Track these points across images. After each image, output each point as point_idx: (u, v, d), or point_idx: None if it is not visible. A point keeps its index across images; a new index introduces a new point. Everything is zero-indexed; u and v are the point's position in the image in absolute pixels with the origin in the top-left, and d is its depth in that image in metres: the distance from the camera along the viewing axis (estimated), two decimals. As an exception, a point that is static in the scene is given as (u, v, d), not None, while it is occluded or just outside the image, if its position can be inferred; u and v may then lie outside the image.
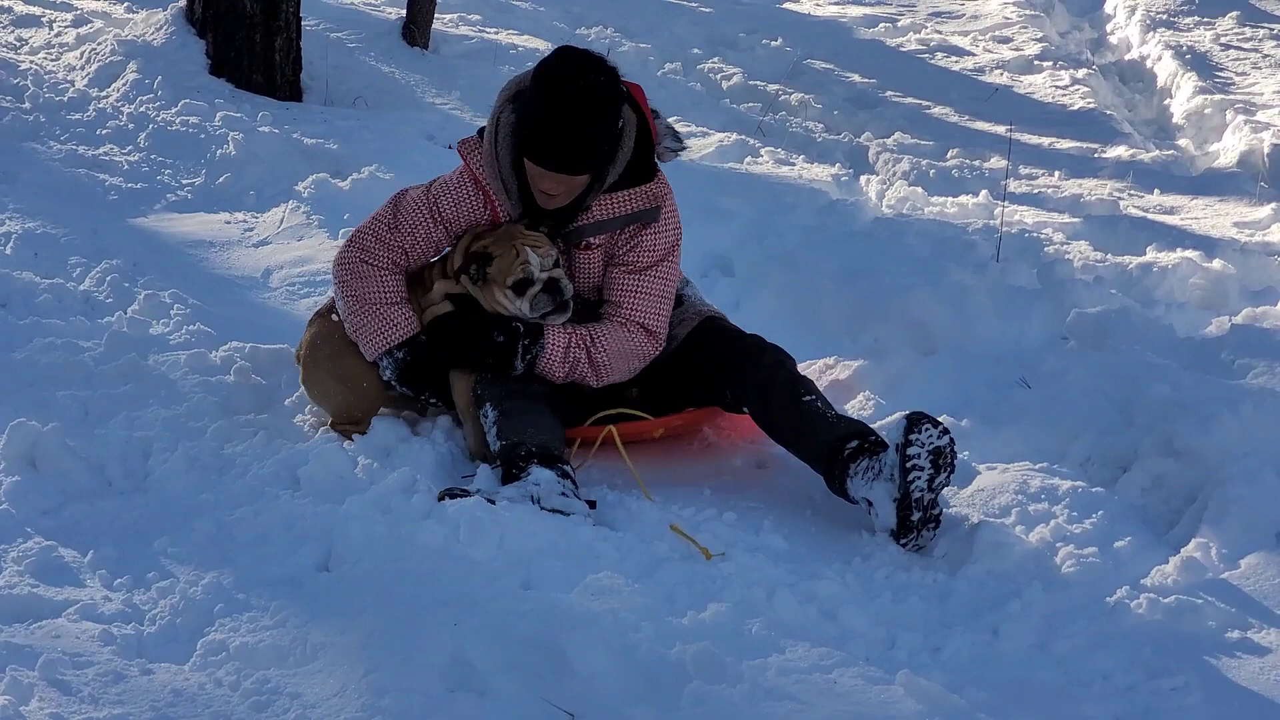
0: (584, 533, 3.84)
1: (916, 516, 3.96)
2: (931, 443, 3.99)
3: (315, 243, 6.26)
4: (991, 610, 3.55)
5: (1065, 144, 9.15)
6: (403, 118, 8.16)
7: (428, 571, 3.63)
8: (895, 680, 3.31)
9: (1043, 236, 7.09)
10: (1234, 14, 11.41)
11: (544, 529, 3.82)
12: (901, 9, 11.80)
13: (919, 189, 7.80)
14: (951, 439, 4.04)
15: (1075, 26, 11.98)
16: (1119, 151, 9.00)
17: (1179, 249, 7.01)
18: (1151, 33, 11.12)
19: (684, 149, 4.58)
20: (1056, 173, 8.47)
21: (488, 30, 10.11)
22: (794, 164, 8.02)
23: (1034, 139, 9.18)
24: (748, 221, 6.91)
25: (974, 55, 10.80)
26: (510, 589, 3.53)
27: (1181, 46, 10.75)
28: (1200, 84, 10.03)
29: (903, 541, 3.97)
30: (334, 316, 4.52)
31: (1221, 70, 10.43)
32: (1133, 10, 11.70)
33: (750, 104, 9.25)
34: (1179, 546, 3.93)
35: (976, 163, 8.48)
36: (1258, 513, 4.07)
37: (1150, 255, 6.93)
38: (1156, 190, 8.29)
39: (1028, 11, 11.74)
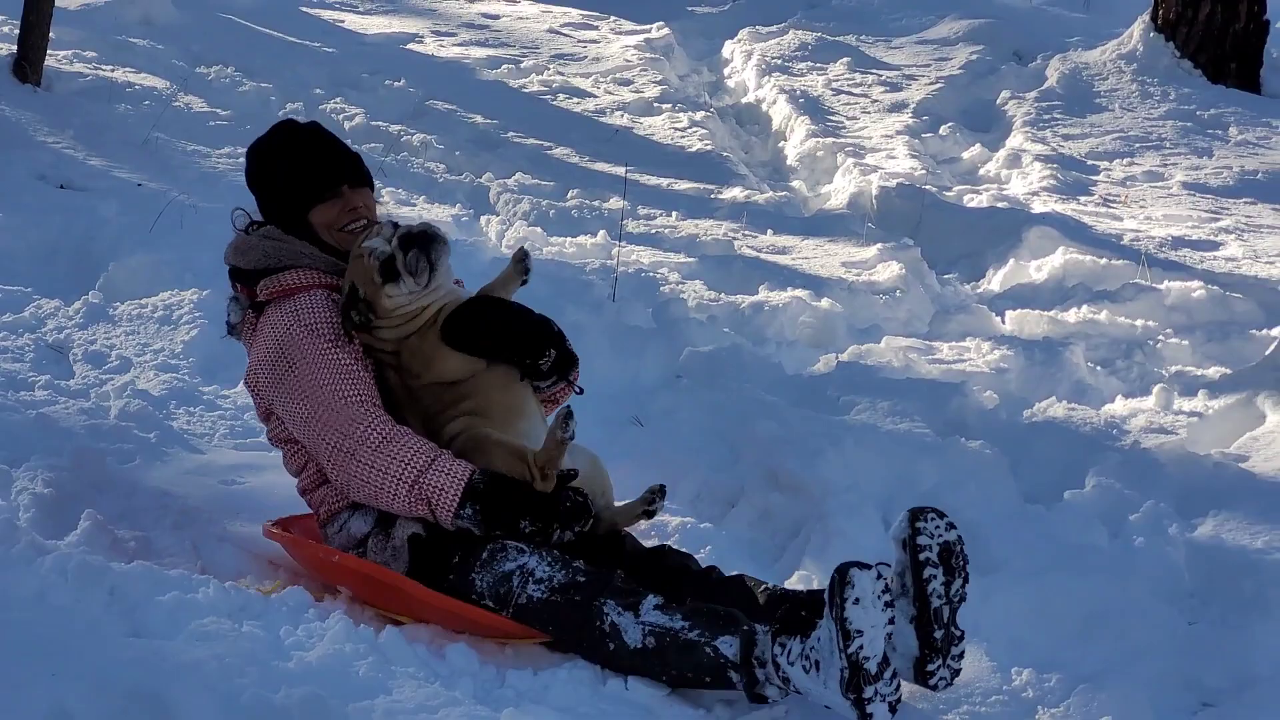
0: (189, 581, 3.72)
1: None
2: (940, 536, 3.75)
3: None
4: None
5: (683, 185, 9.30)
6: (12, 158, 7.80)
7: (26, 620, 3.44)
8: (501, 718, 3.35)
9: (658, 276, 7.26)
10: (845, 60, 11.81)
11: (152, 575, 3.71)
12: (524, 51, 12.00)
13: (538, 229, 7.97)
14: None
15: (694, 70, 12.31)
16: (734, 193, 9.21)
17: (790, 288, 7.31)
18: (767, 77, 11.47)
19: None
20: (674, 213, 8.64)
21: (104, 67, 9.83)
22: (415, 204, 8.07)
23: (652, 180, 9.32)
24: None
25: (595, 97, 10.98)
26: (114, 637, 3.40)
27: (795, 91, 11.10)
28: (813, 127, 10.39)
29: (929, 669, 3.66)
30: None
31: (833, 114, 10.82)
32: (749, 55, 12.03)
33: (373, 144, 9.12)
34: (784, 579, 4.11)
35: (596, 203, 8.65)
36: (857, 544, 4.23)
37: (762, 294, 7.22)
38: (770, 230, 8.56)
39: (648, 55, 11.92)
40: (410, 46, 11.95)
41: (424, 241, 3.85)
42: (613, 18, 12.97)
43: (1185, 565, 4.85)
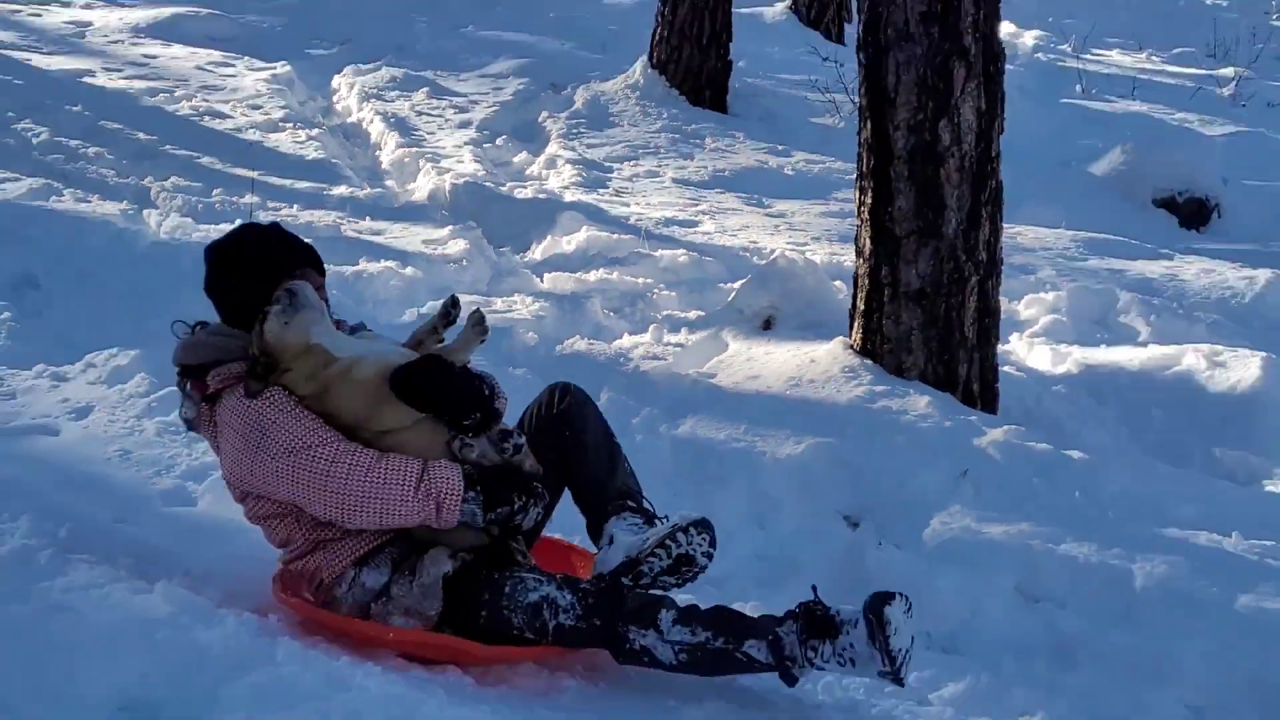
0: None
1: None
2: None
3: None
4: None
5: (302, 185, 9.99)
6: None
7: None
8: (155, 590, 3.64)
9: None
10: (425, 89, 12.80)
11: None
12: (177, 83, 12.35)
13: (189, 219, 8.51)
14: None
15: (311, 97, 12.97)
16: (341, 190, 10.01)
17: (383, 260, 8.16)
18: (366, 103, 12.42)
19: None
20: (295, 205, 9.32)
21: None
22: (90, 201, 8.54)
23: (279, 181, 9.99)
24: (52, 247, 7.38)
25: (234, 118, 11.51)
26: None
27: (388, 113, 12.11)
28: (401, 140, 11.39)
29: None
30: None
31: (417, 130, 11.76)
32: (353, 86, 12.87)
33: (55, 155, 9.63)
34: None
35: (235, 199, 9.20)
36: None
37: (362, 265, 8.01)
38: (368, 218, 9.41)
39: (275, 86, 12.55)
40: (85, 79, 12.15)
41: (290, 296, 3.76)
42: (246, 58, 13.40)
43: (670, 454, 5.63)
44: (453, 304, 4.01)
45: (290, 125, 11.53)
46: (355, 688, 3.35)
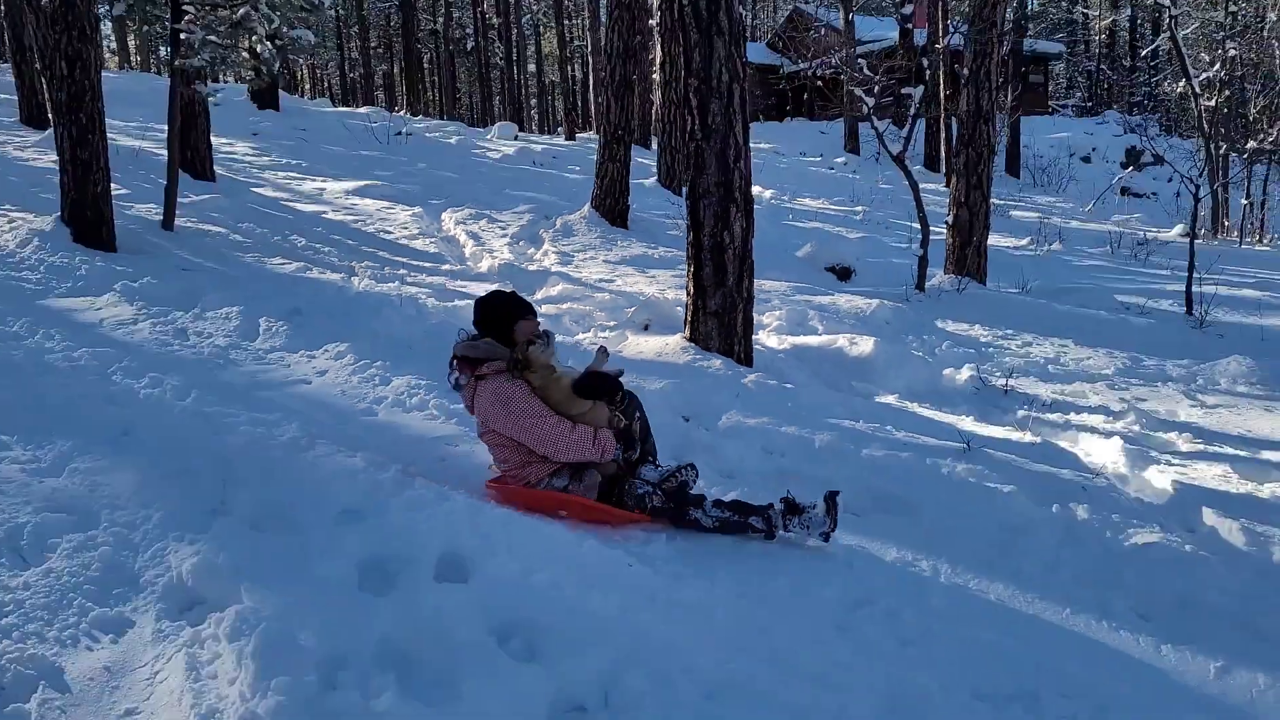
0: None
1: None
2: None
3: None
4: None
5: (426, 264, 8.82)
6: None
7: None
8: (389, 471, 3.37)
9: None
10: (485, 219, 11.17)
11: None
12: (366, 217, 10.93)
13: (373, 281, 7.47)
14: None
15: (431, 223, 11.18)
16: (446, 266, 8.80)
17: (466, 299, 6.90)
18: (457, 225, 10.79)
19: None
20: (421, 274, 8.21)
21: None
22: (325, 273, 7.57)
23: (416, 262, 8.85)
24: (307, 294, 6.66)
25: (394, 233, 10.19)
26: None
27: (468, 230, 10.58)
28: (474, 244, 9.98)
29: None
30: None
31: (480, 238, 10.31)
32: (451, 217, 11.25)
33: (308, 250, 8.57)
34: None
35: (392, 270, 8.16)
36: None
37: (454, 302, 6.95)
38: (459, 280, 8.17)
39: (414, 217, 10.98)
40: (323, 215, 10.77)
41: (548, 337, 3.52)
42: (400, 205, 11.81)
43: None
44: (605, 350, 3.77)
45: (421, 236, 10.54)
46: (551, 532, 3.17)
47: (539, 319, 3.60)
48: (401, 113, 25.75)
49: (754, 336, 6.60)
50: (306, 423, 4.02)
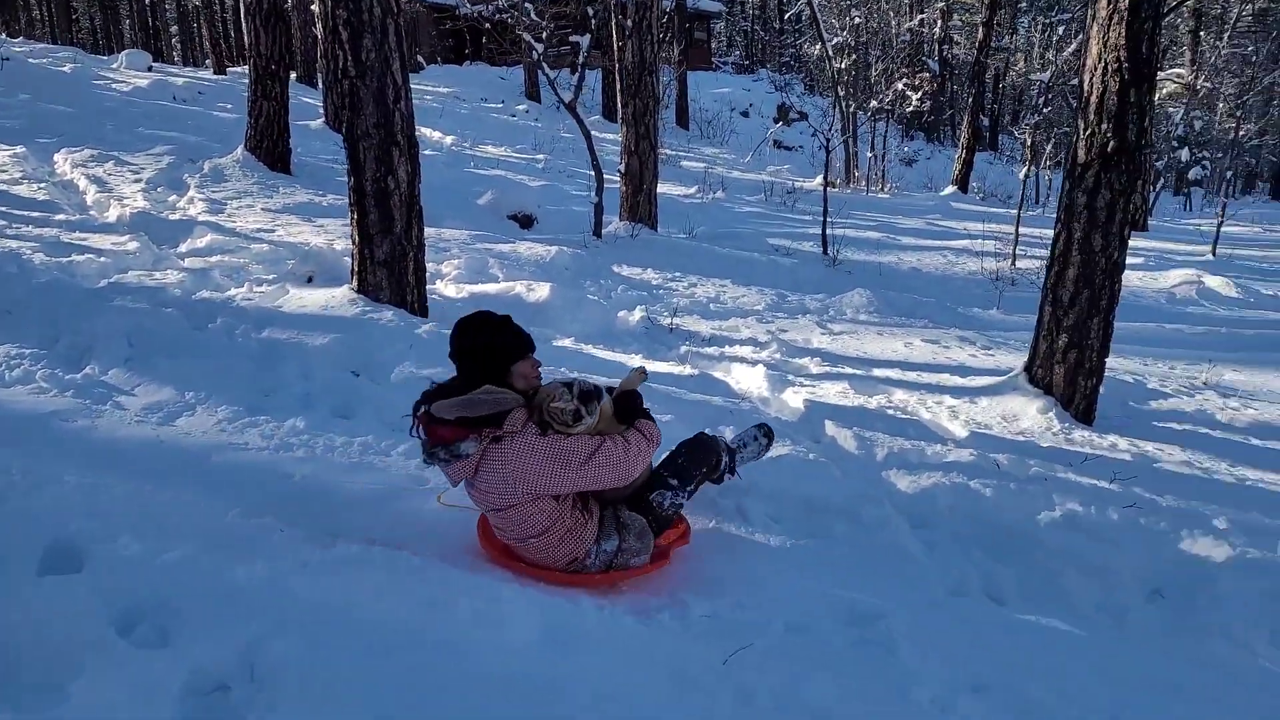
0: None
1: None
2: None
3: None
4: None
5: (35, 214, 8.01)
6: None
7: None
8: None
9: None
10: (112, 162, 10.19)
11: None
12: None
13: None
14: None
15: (39, 166, 10.06)
16: (61, 216, 8.02)
17: (86, 254, 6.56)
18: (75, 169, 9.86)
19: None
20: (30, 226, 7.48)
21: None
22: None
23: (22, 212, 8.03)
24: None
25: None
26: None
27: (90, 175, 9.68)
28: (98, 189, 9.21)
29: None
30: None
31: (107, 183, 9.55)
32: (66, 160, 10.22)
33: None
34: None
35: None
36: None
37: (73, 257, 6.43)
38: (77, 231, 7.53)
39: (14, 159, 9.93)
40: None
41: (591, 398, 3.02)
42: None
43: (256, 347, 4.81)
44: (644, 370, 3.39)
45: (27, 180, 9.36)
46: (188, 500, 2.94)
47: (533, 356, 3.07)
48: (-6, 32, 21.77)
49: (431, 286, 6.47)
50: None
